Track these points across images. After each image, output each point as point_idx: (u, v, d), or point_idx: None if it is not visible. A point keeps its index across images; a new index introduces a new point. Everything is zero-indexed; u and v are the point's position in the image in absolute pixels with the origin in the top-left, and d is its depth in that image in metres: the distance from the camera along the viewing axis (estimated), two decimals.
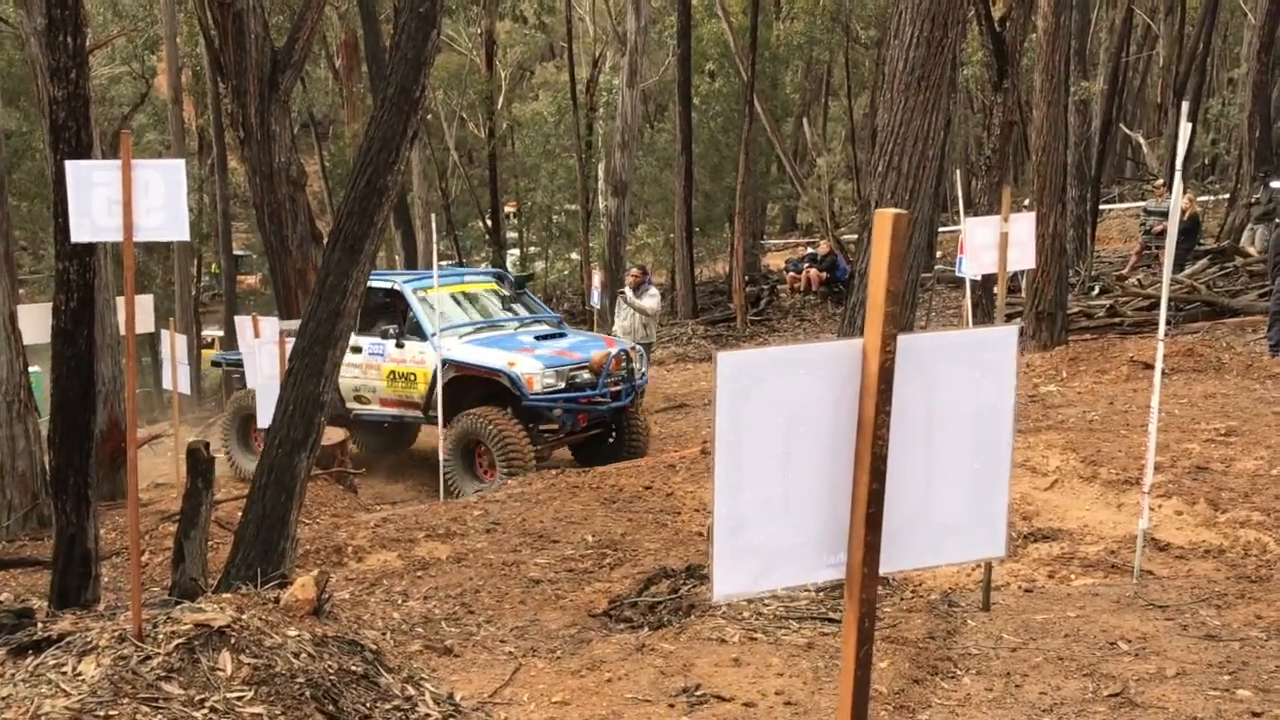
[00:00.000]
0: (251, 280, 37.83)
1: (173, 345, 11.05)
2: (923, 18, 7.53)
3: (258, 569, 5.42)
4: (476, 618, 6.38)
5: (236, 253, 31.94)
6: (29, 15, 7.19)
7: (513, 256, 31.66)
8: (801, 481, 1.97)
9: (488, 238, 30.65)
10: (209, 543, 5.66)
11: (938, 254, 23.90)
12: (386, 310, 12.38)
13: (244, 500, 6.08)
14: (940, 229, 24.75)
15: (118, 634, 3.88)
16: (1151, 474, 6.08)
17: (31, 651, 3.92)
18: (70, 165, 4.38)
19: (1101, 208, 24.73)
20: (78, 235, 4.40)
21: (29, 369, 9.42)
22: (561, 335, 12.73)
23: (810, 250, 24.94)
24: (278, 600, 4.30)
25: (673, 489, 8.98)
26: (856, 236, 12.79)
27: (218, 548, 7.05)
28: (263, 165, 11.97)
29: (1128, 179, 33.83)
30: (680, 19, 22.86)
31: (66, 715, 3.45)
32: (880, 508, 1.97)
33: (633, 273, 16.18)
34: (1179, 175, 5.86)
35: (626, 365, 11.98)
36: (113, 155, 4.27)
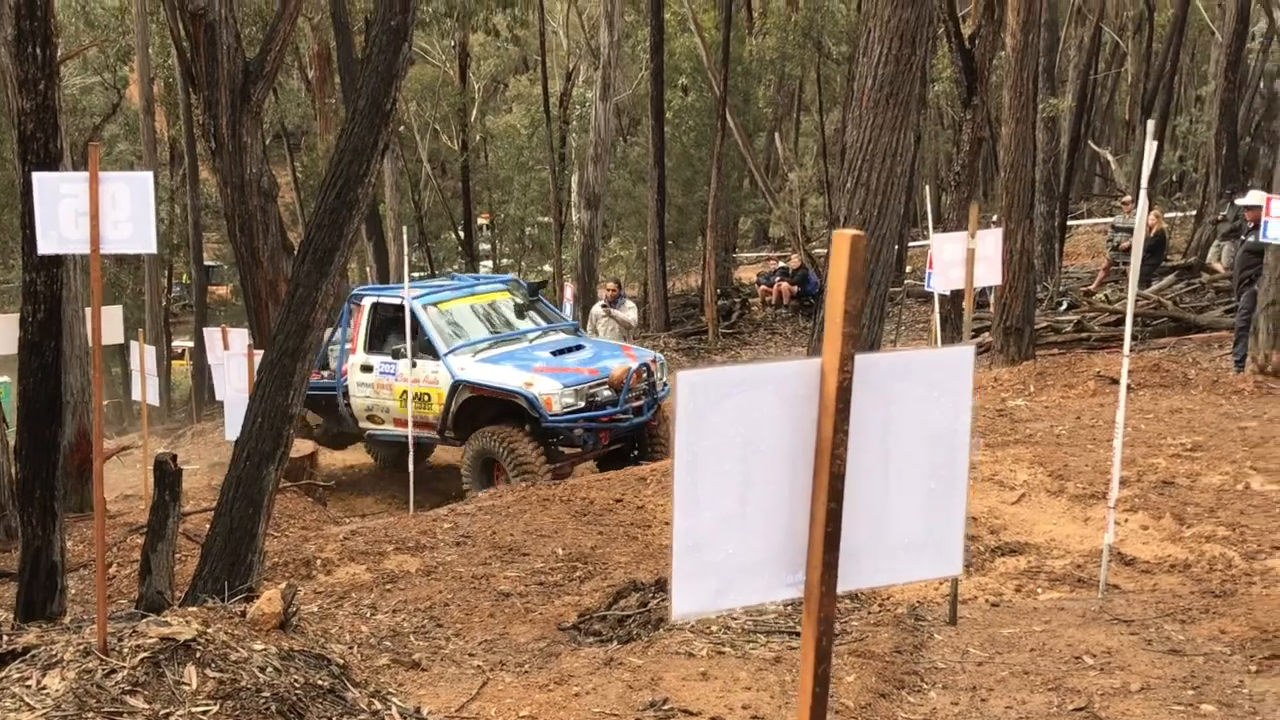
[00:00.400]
0: (222, 291, 37.56)
1: (142, 356, 10.97)
2: (892, 35, 7.59)
3: (225, 582, 5.41)
4: (445, 631, 6.38)
5: (207, 263, 31.80)
6: None
7: (486, 268, 31.61)
8: (761, 500, 1.98)
9: (460, 250, 30.62)
10: (177, 555, 5.65)
11: (907, 269, 24.02)
12: (397, 326, 12.03)
13: (212, 513, 6.06)
14: (910, 244, 24.90)
15: (83, 648, 3.87)
16: (1117, 488, 6.13)
17: None
18: (37, 177, 4.38)
19: (1069, 223, 24.98)
20: (44, 247, 4.40)
21: None
22: (579, 347, 12.46)
23: (781, 264, 25.09)
24: (244, 614, 4.30)
25: (644, 502, 8.97)
26: (827, 250, 12.84)
27: (186, 560, 7.02)
28: (234, 176, 11.91)
29: (1096, 195, 34.07)
30: (653, 34, 22.89)
31: None
32: (838, 526, 1.98)
33: (608, 286, 16.04)
34: (1144, 192, 5.93)
35: (647, 378, 11.72)
36: (84, 166, 4.26)
